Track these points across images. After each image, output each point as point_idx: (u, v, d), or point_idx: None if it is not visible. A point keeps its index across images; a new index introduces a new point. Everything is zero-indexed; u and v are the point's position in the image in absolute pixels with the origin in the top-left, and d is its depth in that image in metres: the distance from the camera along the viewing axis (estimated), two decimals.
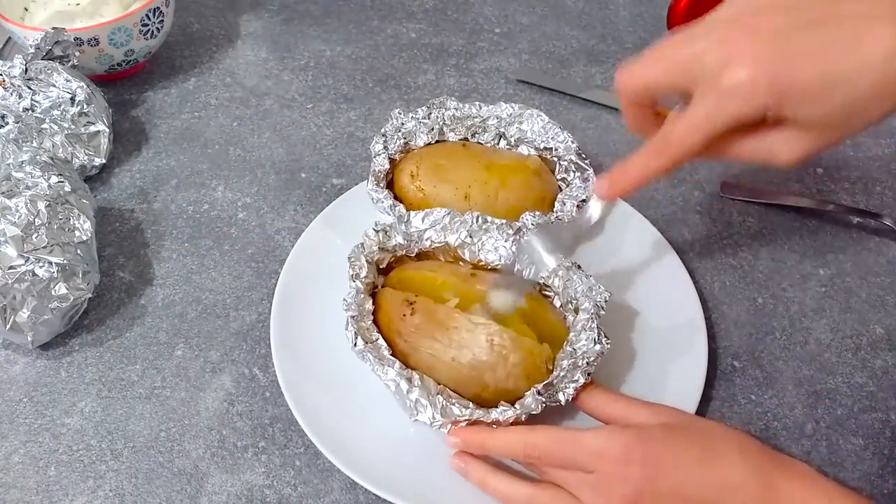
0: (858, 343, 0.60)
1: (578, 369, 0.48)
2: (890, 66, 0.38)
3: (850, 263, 0.65)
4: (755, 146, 0.43)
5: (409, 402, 0.48)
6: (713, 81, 0.40)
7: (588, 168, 0.63)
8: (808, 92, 0.39)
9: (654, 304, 0.59)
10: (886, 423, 0.55)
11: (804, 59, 0.39)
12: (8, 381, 0.58)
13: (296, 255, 0.62)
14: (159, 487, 0.52)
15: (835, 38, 0.39)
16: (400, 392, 0.48)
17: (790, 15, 0.40)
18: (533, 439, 0.46)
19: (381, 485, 0.50)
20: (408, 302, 0.51)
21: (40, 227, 0.56)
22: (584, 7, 0.91)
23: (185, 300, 0.63)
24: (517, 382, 0.49)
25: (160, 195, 0.70)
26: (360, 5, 0.91)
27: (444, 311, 0.50)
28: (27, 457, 0.54)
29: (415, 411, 0.48)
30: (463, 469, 0.49)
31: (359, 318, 0.51)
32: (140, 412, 0.56)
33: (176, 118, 0.78)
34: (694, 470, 0.43)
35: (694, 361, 0.55)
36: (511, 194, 0.61)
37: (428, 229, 0.56)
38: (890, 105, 0.39)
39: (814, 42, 0.39)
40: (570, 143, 0.64)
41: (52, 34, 0.69)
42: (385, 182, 0.63)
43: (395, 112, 0.65)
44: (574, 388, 0.48)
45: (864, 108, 0.39)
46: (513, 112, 0.66)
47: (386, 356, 0.50)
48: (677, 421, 0.47)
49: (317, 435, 0.52)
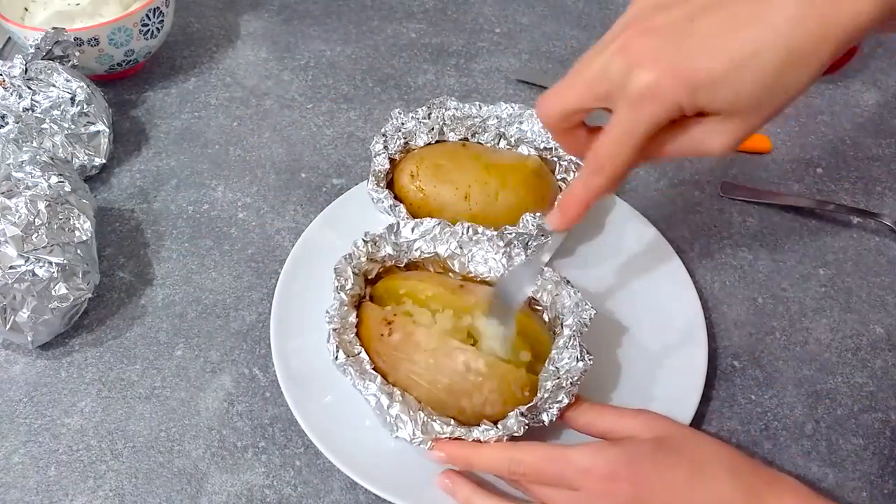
0: (858, 343, 0.60)
1: (562, 390, 0.48)
2: (797, 30, 0.36)
3: (850, 263, 0.65)
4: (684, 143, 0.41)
5: (390, 418, 0.47)
6: (622, 92, 0.39)
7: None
8: (717, 79, 0.37)
9: (653, 305, 0.59)
10: (886, 423, 0.55)
11: (706, 46, 0.37)
12: (8, 381, 0.58)
13: (296, 255, 0.62)
14: (159, 487, 0.52)
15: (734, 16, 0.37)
16: (380, 407, 0.47)
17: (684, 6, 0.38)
18: (519, 455, 0.46)
19: (381, 485, 0.50)
20: (386, 321, 0.50)
21: (40, 227, 0.56)
22: (584, 7, 0.91)
23: (185, 300, 0.63)
24: (494, 408, 0.48)
25: (160, 195, 0.70)
26: (360, 5, 0.91)
27: (421, 333, 0.49)
28: (27, 457, 0.54)
29: (395, 427, 0.47)
30: (450, 488, 0.49)
31: (341, 330, 0.51)
32: (140, 412, 0.56)
33: (176, 118, 0.78)
34: (682, 489, 0.43)
35: (694, 361, 0.55)
36: (511, 194, 0.61)
37: (418, 239, 0.56)
38: (806, 73, 0.37)
39: (712, 26, 0.37)
40: None
41: (52, 34, 0.69)
42: (385, 182, 0.63)
43: (395, 112, 0.65)
44: (558, 409, 0.48)
45: (780, 82, 0.37)
46: (513, 112, 0.66)
47: (368, 370, 0.49)
48: (668, 434, 0.46)
49: (317, 435, 0.52)
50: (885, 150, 0.74)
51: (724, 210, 0.69)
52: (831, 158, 0.73)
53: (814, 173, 0.72)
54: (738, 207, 0.69)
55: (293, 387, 0.54)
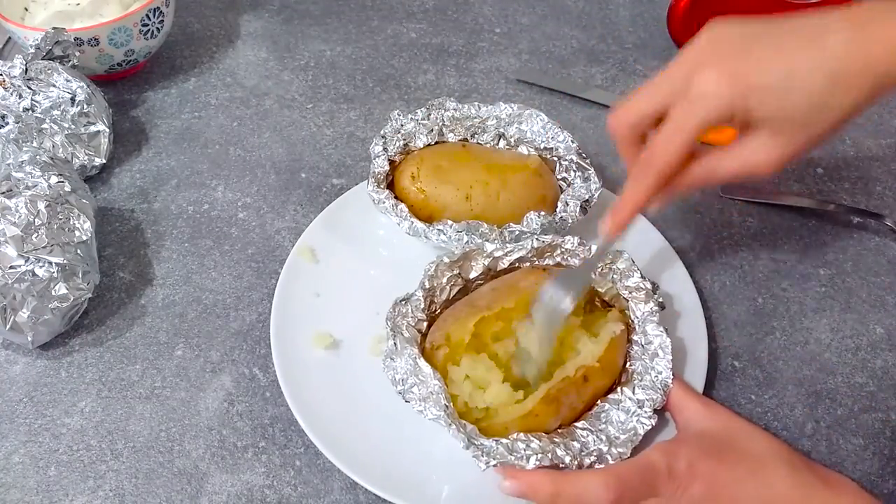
0: (858, 343, 0.60)
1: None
2: (846, 59, 0.40)
3: (850, 263, 0.65)
4: (733, 158, 0.45)
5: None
6: (683, 93, 0.43)
7: (589, 168, 0.63)
8: (769, 87, 0.42)
9: None
10: (886, 423, 0.55)
11: (764, 60, 0.42)
12: (8, 381, 0.58)
13: (296, 255, 0.62)
14: (159, 487, 0.52)
15: (791, 39, 0.42)
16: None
17: (747, 33, 0.43)
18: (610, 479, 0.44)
19: (381, 485, 0.49)
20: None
21: (40, 227, 0.56)
22: (584, 7, 0.91)
23: (185, 300, 0.63)
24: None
25: (160, 195, 0.70)
26: (360, 5, 0.91)
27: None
28: (27, 457, 0.54)
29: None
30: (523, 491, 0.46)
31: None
32: (140, 412, 0.56)
33: (176, 118, 0.78)
34: (748, 484, 0.44)
35: (694, 361, 0.55)
36: (512, 194, 0.61)
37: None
38: (849, 100, 0.41)
39: (772, 46, 0.42)
40: (571, 143, 0.64)
41: (52, 34, 0.69)
42: (385, 183, 0.63)
43: (394, 113, 0.65)
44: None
45: (828, 101, 0.41)
46: (512, 112, 0.66)
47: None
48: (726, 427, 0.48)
49: (317, 435, 0.52)
50: (885, 150, 0.74)
51: (724, 210, 0.69)
52: (831, 158, 0.73)
53: (814, 173, 0.72)
54: (738, 207, 0.69)
55: (293, 387, 0.54)
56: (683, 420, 0.50)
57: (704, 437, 0.47)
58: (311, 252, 0.63)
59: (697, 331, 0.57)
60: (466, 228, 0.58)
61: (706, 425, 0.48)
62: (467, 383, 0.49)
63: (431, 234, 0.59)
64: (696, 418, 0.49)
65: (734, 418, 0.49)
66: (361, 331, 0.58)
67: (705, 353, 0.56)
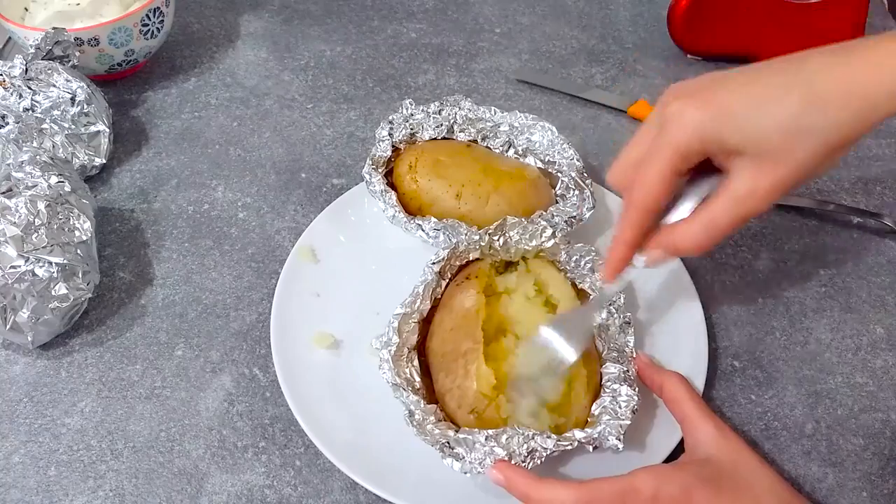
0: (858, 343, 0.60)
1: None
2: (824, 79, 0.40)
3: (850, 263, 0.65)
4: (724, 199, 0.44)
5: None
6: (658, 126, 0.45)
7: (587, 188, 0.62)
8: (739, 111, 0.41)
9: (654, 304, 0.59)
10: (886, 423, 0.55)
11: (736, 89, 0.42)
12: (8, 381, 0.58)
13: (296, 255, 0.62)
14: (159, 487, 0.52)
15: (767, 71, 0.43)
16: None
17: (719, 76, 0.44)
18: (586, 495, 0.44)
19: (381, 485, 0.50)
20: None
21: (40, 227, 0.56)
22: (584, 7, 0.91)
23: (185, 300, 0.63)
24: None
25: (160, 195, 0.70)
26: (360, 5, 0.91)
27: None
28: (27, 457, 0.54)
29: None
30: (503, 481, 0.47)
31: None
32: (140, 412, 0.56)
33: (176, 118, 0.78)
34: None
35: (694, 361, 0.55)
36: (503, 200, 0.60)
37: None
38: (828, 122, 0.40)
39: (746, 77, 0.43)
40: (575, 161, 0.63)
41: (52, 34, 0.69)
42: (384, 168, 0.63)
43: (406, 102, 0.66)
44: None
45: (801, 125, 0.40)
46: (525, 122, 0.66)
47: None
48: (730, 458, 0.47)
49: (317, 435, 0.52)
50: (885, 150, 0.74)
51: None
52: None
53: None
54: None
55: (293, 387, 0.54)
56: (693, 441, 0.48)
57: (708, 464, 0.46)
58: (311, 252, 0.63)
59: (697, 331, 0.57)
60: (444, 227, 0.58)
61: (714, 453, 0.47)
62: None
63: (411, 227, 0.59)
64: (707, 442, 0.47)
65: (744, 451, 0.47)
66: (361, 331, 0.57)
67: (705, 353, 0.56)
